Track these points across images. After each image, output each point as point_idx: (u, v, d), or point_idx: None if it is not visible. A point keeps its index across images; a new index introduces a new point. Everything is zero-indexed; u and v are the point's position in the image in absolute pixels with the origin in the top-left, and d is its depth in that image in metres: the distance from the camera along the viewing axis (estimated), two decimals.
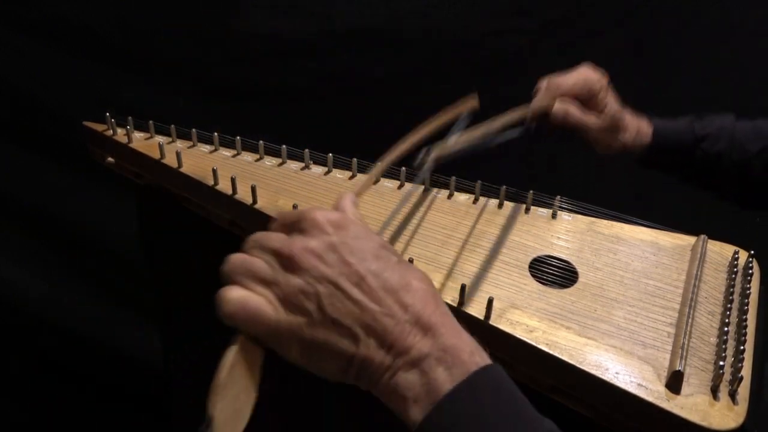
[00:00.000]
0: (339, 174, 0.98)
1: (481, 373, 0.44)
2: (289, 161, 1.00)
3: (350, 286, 0.44)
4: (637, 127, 0.94)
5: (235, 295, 0.45)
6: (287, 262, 0.45)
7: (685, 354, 0.68)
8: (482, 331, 0.74)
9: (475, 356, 0.45)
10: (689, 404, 0.65)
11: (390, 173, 0.97)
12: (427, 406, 0.43)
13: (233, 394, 0.44)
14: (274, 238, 0.47)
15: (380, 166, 0.71)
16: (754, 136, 0.94)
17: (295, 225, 0.48)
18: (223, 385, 0.44)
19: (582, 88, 0.90)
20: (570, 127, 0.90)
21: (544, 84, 0.92)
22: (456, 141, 0.76)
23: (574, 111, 0.90)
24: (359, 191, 0.61)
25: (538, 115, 0.90)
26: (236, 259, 0.48)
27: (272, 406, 0.50)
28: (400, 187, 0.96)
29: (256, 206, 0.88)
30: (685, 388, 0.66)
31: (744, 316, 0.76)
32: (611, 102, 0.91)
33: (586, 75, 0.91)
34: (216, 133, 1.01)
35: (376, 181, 0.67)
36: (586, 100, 0.91)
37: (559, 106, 0.89)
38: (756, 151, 0.93)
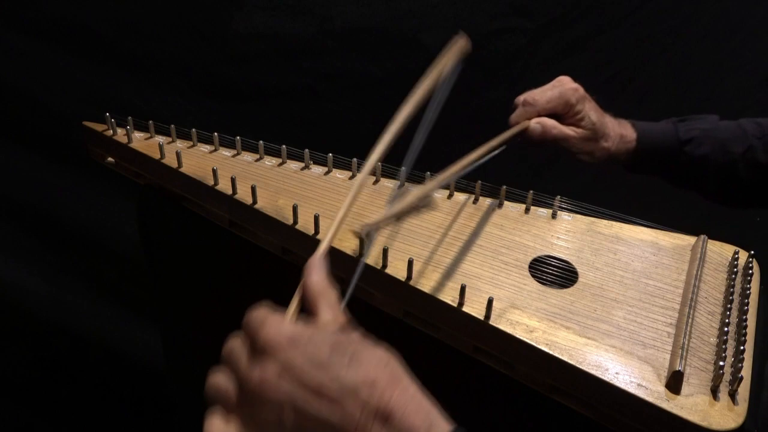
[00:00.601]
0: (339, 174, 0.98)
1: None
2: (289, 161, 1.00)
3: (309, 402, 0.46)
4: (620, 133, 0.94)
5: (216, 429, 0.49)
6: (250, 395, 0.48)
7: (685, 354, 0.69)
8: (482, 331, 0.74)
9: (432, 430, 0.46)
10: (689, 404, 0.65)
11: (390, 174, 0.97)
12: None
13: None
14: (239, 360, 0.49)
15: (345, 208, 0.70)
16: (738, 136, 0.94)
17: (252, 344, 0.49)
18: None
19: (557, 103, 0.90)
20: (550, 140, 0.91)
21: (520, 100, 0.93)
22: (440, 179, 0.75)
23: (551, 126, 0.90)
24: (323, 250, 0.61)
25: (518, 135, 0.91)
26: (213, 384, 0.50)
27: None
28: (401, 186, 0.96)
29: (256, 206, 0.88)
30: (685, 388, 0.66)
31: (744, 316, 0.76)
32: (590, 111, 0.91)
33: (561, 89, 0.91)
34: (216, 133, 1.01)
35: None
36: (563, 113, 0.91)
37: (534, 125, 0.90)
38: (741, 152, 0.93)
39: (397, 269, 0.79)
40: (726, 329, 0.74)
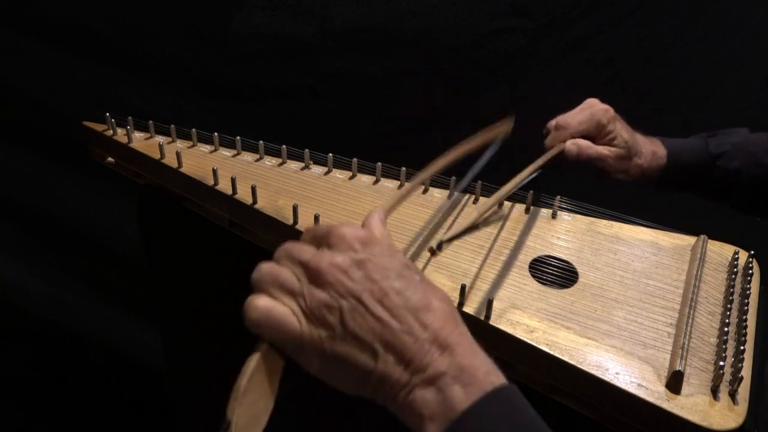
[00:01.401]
0: (339, 174, 0.98)
1: (497, 393, 0.44)
2: (289, 161, 1.00)
3: (373, 302, 0.45)
4: (652, 150, 0.95)
5: (261, 303, 0.47)
6: (314, 276, 0.46)
7: (685, 354, 0.69)
8: (482, 331, 0.74)
9: (491, 376, 0.45)
10: (689, 404, 0.65)
11: (390, 175, 0.97)
12: (444, 424, 0.43)
13: (252, 401, 0.45)
14: (304, 251, 0.49)
15: (413, 183, 0.71)
16: None
17: (323, 239, 0.49)
18: (244, 390, 0.44)
19: (589, 124, 0.92)
20: (585, 160, 0.92)
21: (552, 125, 0.94)
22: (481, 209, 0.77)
23: (586, 147, 0.91)
24: (389, 209, 0.60)
25: (557, 158, 0.92)
26: (265, 267, 0.49)
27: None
28: (400, 186, 0.96)
29: (256, 206, 0.88)
30: (685, 389, 0.66)
31: (744, 316, 0.76)
32: (621, 131, 0.92)
33: (591, 111, 0.92)
34: (216, 133, 1.01)
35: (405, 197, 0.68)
36: (596, 134, 0.92)
37: (570, 146, 0.91)
38: None
39: None
40: (726, 329, 0.74)
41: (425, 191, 0.96)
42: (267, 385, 0.46)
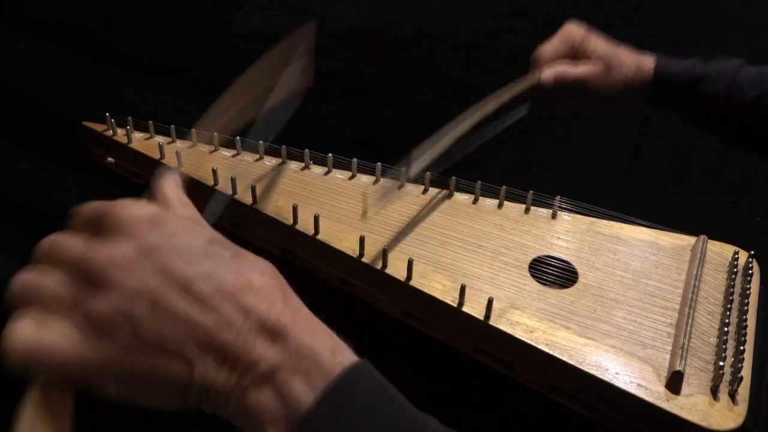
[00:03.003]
0: (339, 174, 0.98)
1: (346, 377, 0.36)
2: (289, 161, 1.00)
3: (174, 297, 0.35)
4: (638, 61, 0.93)
5: (23, 335, 0.35)
6: (90, 278, 0.35)
7: (684, 354, 0.69)
8: (482, 331, 0.74)
9: (337, 356, 0.37)
10: (689, 404, 0.65)
11: (394, 175, 0.97)
12: (287, 428, 0.35)
13: None
14: (73, 246, 0.37)
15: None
16: (755, 81, 0.92)
17: (98, 224, 0.38)
18: None
19: (562, 45, 0.89)
20: (567, 85, 0.89)
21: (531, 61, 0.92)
22: (452, 136, 0.76)
23: (562, 69, 0.89)
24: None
25: (533, 91, 0.89)
26: (25, 280, 0.37)
27: None
28: (400, 186, 0.96)
29: (256, 206, 0.88)
30: (685, 389, 0.67)
31: (744, 316, 0.76)
32: (598, 44, 0.90)
33: (564, 33, 0.90)
34: (216, 133, 1.01)
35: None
36: (572, 54, 0.90)
37: (546, 75, 0.88)
38: (753, 97, 0.90)
39: (397, 269, 0.79)
40: (726, 329, 0.74)
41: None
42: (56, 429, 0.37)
